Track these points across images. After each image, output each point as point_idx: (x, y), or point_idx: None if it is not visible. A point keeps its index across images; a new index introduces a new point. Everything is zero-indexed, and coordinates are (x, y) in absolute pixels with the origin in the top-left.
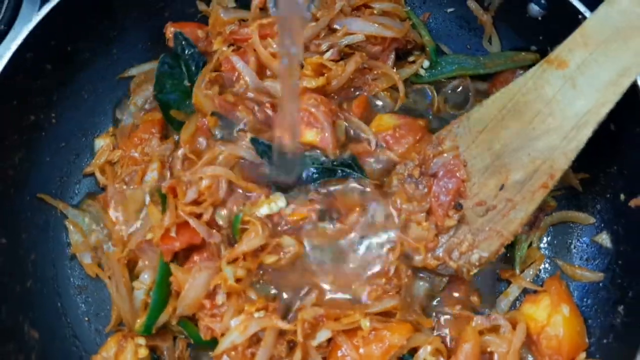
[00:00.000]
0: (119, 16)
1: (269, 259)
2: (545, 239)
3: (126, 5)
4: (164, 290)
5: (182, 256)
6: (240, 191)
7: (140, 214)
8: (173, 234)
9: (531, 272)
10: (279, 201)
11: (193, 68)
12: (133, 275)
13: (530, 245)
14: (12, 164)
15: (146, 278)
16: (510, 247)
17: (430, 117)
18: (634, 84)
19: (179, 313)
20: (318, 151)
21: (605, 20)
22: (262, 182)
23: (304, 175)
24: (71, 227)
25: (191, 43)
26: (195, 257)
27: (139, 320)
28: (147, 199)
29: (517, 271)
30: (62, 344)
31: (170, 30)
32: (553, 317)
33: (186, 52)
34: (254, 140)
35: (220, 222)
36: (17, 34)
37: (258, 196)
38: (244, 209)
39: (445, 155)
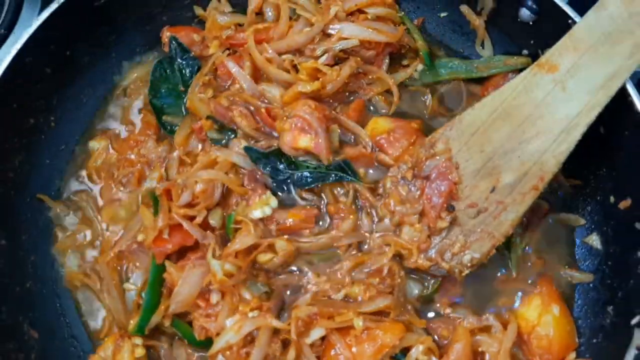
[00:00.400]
0: (117, 20)
1: (263, 258)
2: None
3: (125, 9)
4: (156, 291)
5: (176, 257)
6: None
7: (133, 215)
8: (166, 236)
9: (529, 277)
10: (271, 202)
11: (187, 73)
12: (122, 276)
13: (526, 247)
14: (13, 167)
15: (137, 280)
16: (507, 250)
17: (425, 119)
18: (623, 87)
19: (172, 310)
20: (312, 156)
21: (594, 25)
22: (257, 184)
23: (298, 179)
24: (58, 229)
25: (184, 48)
26: (192, 257)
27: (132, 321)
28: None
29: (514, 274)
30: (61, 343)
31: (166, 34)
32: (543, 317)
33: (180, 56)
34: (247, 149)
35: (213, 223)
36: (17, 38)
37: (252, 198)
38: (237, 210)
39: (437, 157)
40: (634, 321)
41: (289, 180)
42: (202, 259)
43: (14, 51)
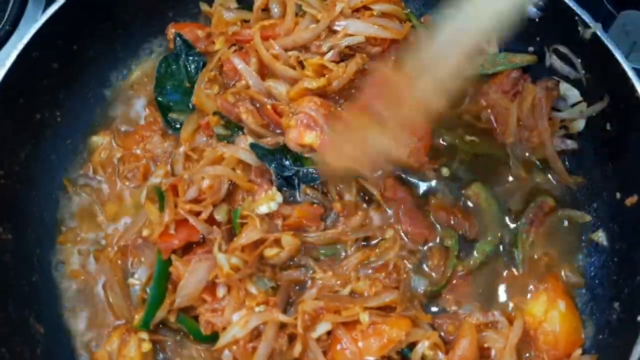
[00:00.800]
0: (123, 16)
1: (270, 252)
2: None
3: (131, 4)
4: (162, 286)
5: (182, 252)
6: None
7: (137, 211)
8: (172, 232)
9: (535, 273)
10: (277, 198)
11: (192, 69)
12: (126, 272)
13: (532, 244)
14: (18, 161)
15: (142, 275)
16: (513, 246)
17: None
18: (630, 84)
19: (178, 304)
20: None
21: None
22: (264, 180)
23: (303, 175)
24: (62, 224)
25: (189, 44)
26: (198, 251)
27: (136, 316)
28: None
29: (520, 270)
30: (66, 338)
31: (171, 31)
32: (550, 313)
33: (185, 52)
34: (253, 145)
35: (219, 218)
36: (23, 33)
37: (258, 193)
38: (243, 205)
39: None
40: None
41: (294, 177)
42: (209, 253)
43: (20, 46)
